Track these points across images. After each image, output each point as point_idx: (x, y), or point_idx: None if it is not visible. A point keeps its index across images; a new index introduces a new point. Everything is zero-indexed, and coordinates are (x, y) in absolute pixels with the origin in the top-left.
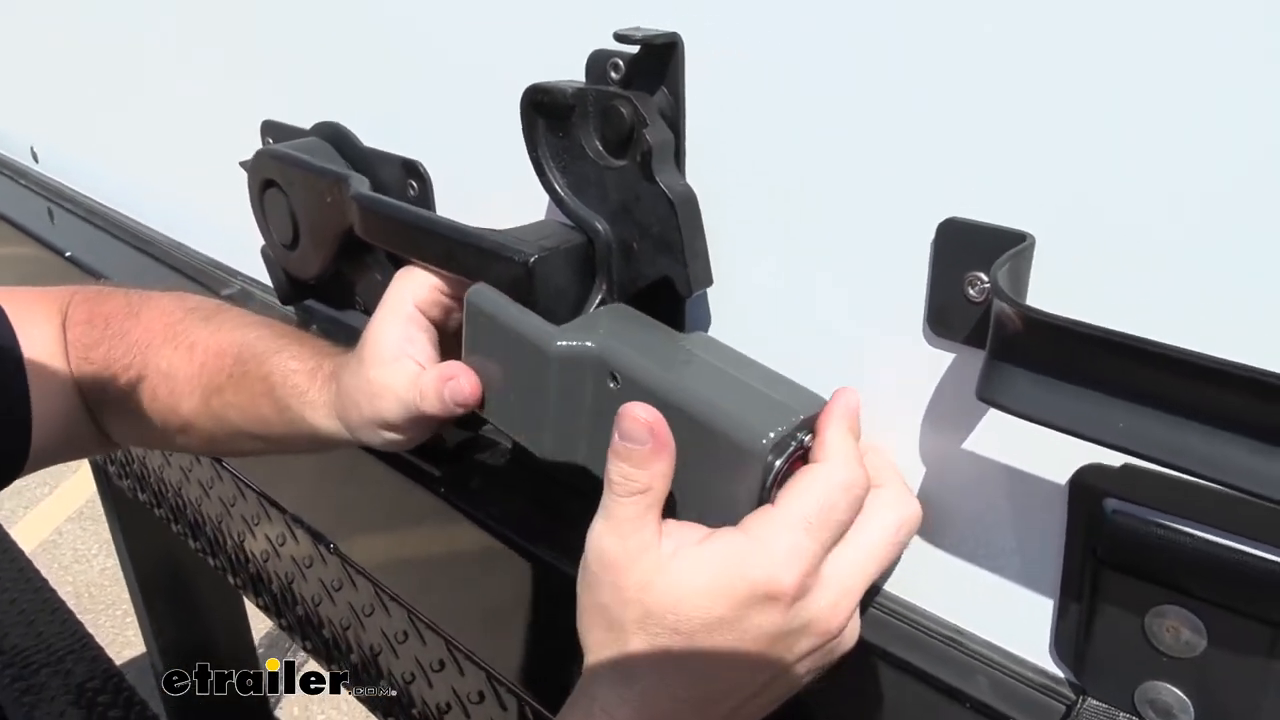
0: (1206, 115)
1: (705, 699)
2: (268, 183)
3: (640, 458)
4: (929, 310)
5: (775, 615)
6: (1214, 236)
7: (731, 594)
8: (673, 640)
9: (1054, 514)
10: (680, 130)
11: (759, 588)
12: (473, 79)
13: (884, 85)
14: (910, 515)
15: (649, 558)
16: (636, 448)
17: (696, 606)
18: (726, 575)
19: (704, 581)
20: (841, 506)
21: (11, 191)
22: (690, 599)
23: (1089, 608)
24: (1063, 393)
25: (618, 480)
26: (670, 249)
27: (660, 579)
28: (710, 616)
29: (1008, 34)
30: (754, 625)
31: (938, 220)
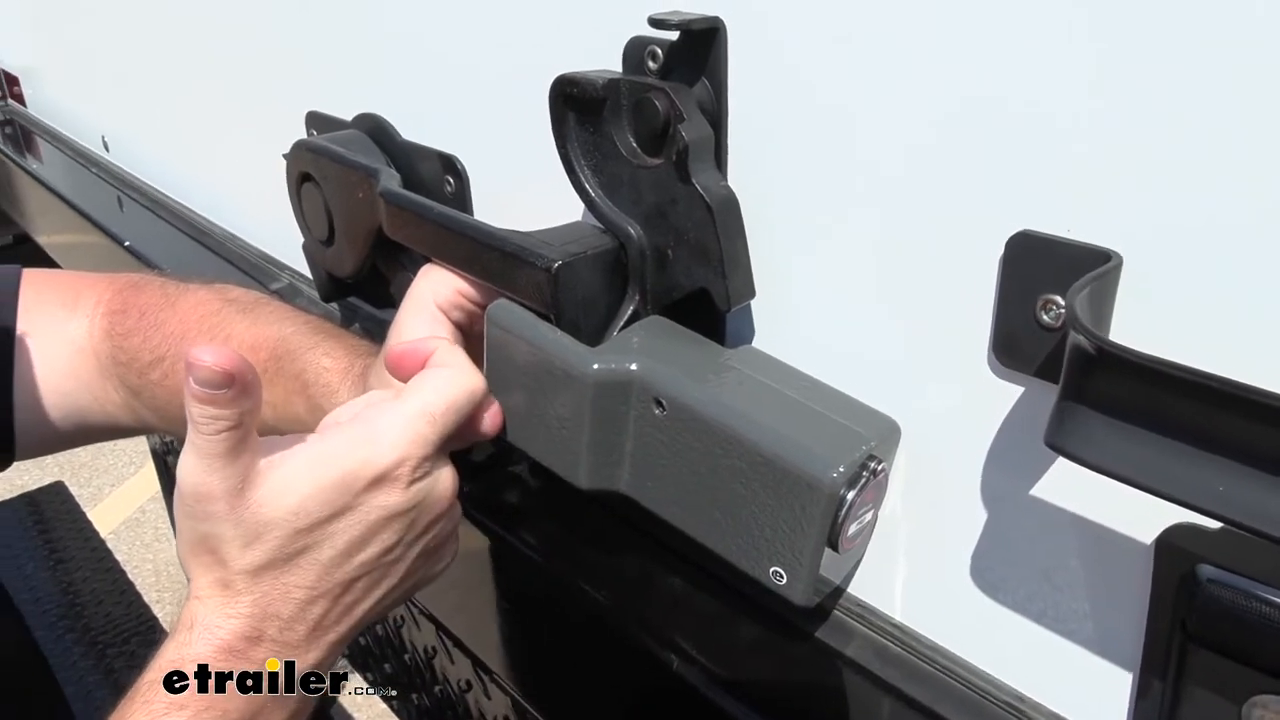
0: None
1: (333, 587)
2: (304, 176)
3: (225, 400)
4: (995, 336)
5: (395, 496)
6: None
7: (350, 484)
8: (294, 541)
9: (1136, 577)
10: (721, 126)
11: (378, 474)
12: (513, 70)
13: (950, 75)
14: (476, 385)
15: (252, 481)
16: (219, 393)
17: (316, 501)
18: (344, 466)
19: (323, 477)
20: (467, 408)
21: (84, 180)
22: (309, 496)
23: (1175, 689)
24: (1148, 444)
25: (203, 420)
26: (708, 258)
27: (271, 490)
28: (332, 508)
29: (1100, 9)
30: (375, 507)
31: (1008, 233)
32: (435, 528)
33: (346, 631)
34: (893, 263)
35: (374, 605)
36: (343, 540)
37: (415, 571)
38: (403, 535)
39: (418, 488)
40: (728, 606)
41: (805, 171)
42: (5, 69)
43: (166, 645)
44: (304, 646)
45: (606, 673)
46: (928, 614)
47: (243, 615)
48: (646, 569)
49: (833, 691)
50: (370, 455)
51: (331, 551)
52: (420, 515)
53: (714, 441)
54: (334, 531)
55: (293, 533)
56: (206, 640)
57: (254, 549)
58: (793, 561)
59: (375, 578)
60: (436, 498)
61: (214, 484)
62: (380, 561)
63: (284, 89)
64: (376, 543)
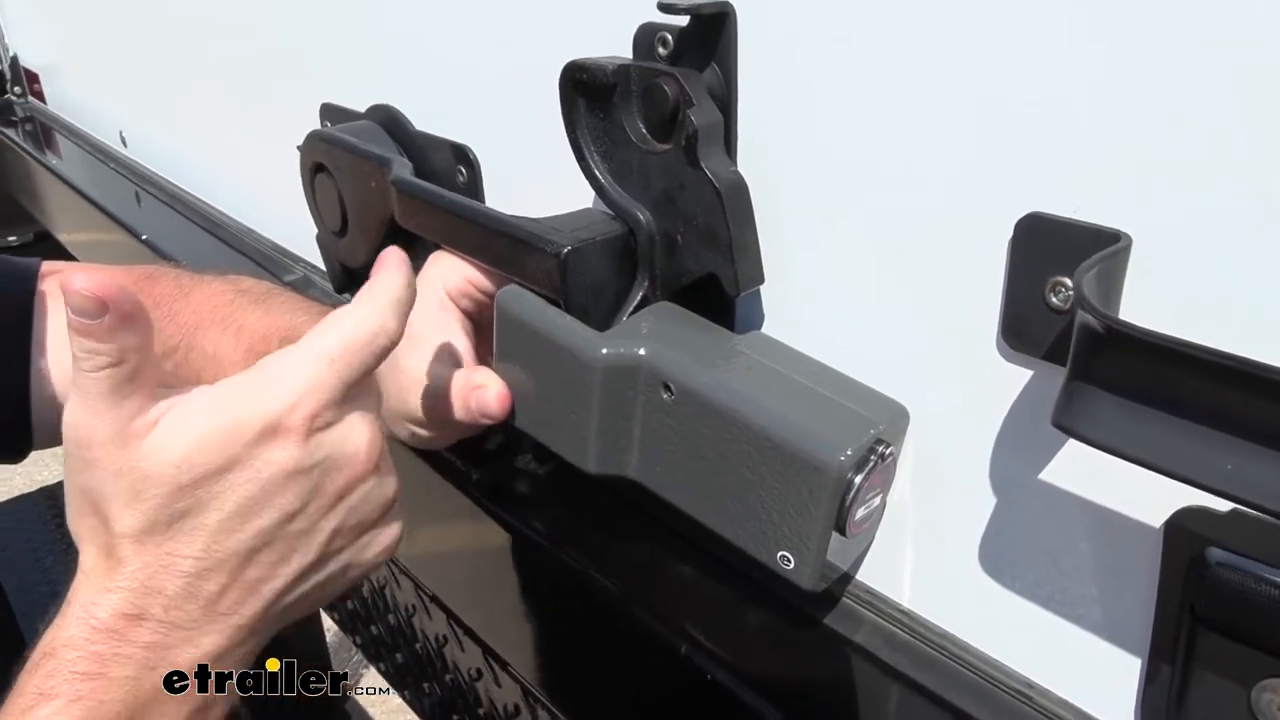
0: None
1: (227, 558)
2: (318, 167)
3: (101, 331)
4: (1004, 320)
5: (290, 449)
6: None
7: (239, 433)
8: (177, 500)
9: (1145, 561)
10: (731, 112)
11: (269, 422)
12: (524, 60)
13: (958, 58)
14: (378, 325)
15: (136, 424)
16: (93, 323)
17: (201, 452)
18: (234, 414)
19: (208, 426)
20: (380, 341)
21: (103, 175)
22: (194, 448)
23: (1183, 674)
24: (1157, 424)
25: (82, 355)
26: (716, 243)
27: (155, 439)
28: (219, 459)
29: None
30: (268, 462)
31: (1017, 215)
32: (351, 496)
33: (255, 614)
34: (902, 247)
35: (287, 585)
36: (232, 501)
37: (337, 550)
38: (306, 500)
39: (317, 440)
40: (736, 592)
41: (814, 156)
42: (26, 66)
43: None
44: (197, 628)
45: (615, 659)
46: (936, 600)
47: (122, 589)
48: (656, 555)
49: (841, 678)
50: (262, 401)
51: (219, 514)
52: (325, 477)
53: (721, 426)
54: (221, 490)
55: (175, 489)
56: (80, 620)
57: (135, 508)
58: (800, 546)
59: (281, 550)
60: (344, 456)
61: (95, 428)
62: (284, 530)
63: (298, 82)
64: (273, 507)
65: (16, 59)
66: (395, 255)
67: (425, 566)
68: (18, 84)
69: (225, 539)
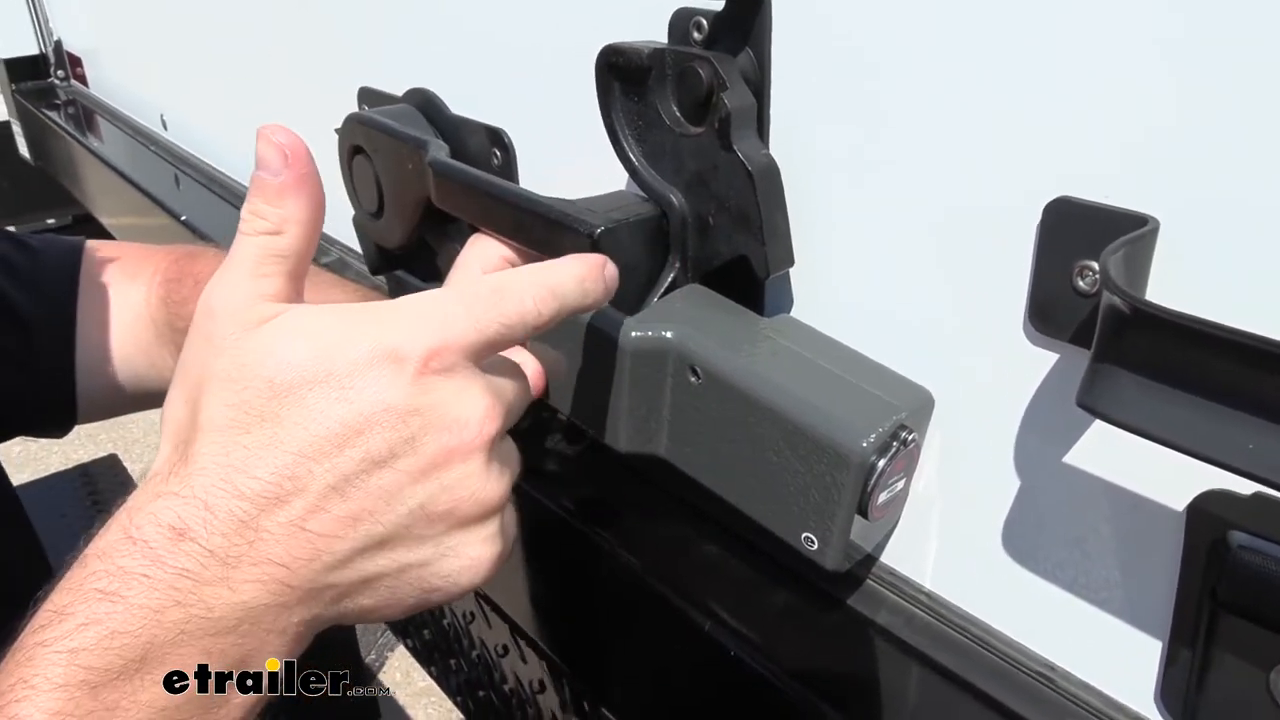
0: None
1: (294, 491)
2: (355, 149)
3: (273, 191)
4: (1031, 303)
5: (396, 380)
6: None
7: (348, 349)
8: (266, 401)
9: (1167, 544)
10: (764, 95)
11: (383, 345)
12: (559, 45)
13: (989, 43)
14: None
15: (262, 308)
16: (269, 179)
17: (304, 356)
18: (350, 329)
19: (321, 333)
20: (527, 306)
21: (143, 158)
22: (298, 349)
23: (1203, 656)
24: (1179, 404)
25: (246, 217)
26: (748, 225)
27: (269, 329)
28: (320, 369)
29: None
30: (367, 387)
31: (1046, 199)
32: (448, 470)
33: (307, 578)
34: (930, 232)
35: (351, 554)
36: (318, 420)
37: (418, 537)
38: (396, 450)
39: (429, 382)
40: (759, 571)
41: (845, 141)
42: (69, 51)
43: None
44: (238, 568)
45: (639, 635)
46: (958, 582)
47: (175, 495)
48: (682, 535)
49: (862, 658)
50: (383, 323)
51: (301, 433)
52: (425, 432)
53: (747, 410)
54: (311, 403)
55: (268, 387)
56: (120, 526)
57: (223, 396)
58: (823, 528)
59: (355, 505)
60: (452, 416)
61: (225, 298)
62: (363, 481)
63: (337, 66)
64: (359, 445)
65: (60, 43)
66: (593, 258)
67: None
68: (61, 68)
69: (298, 466)
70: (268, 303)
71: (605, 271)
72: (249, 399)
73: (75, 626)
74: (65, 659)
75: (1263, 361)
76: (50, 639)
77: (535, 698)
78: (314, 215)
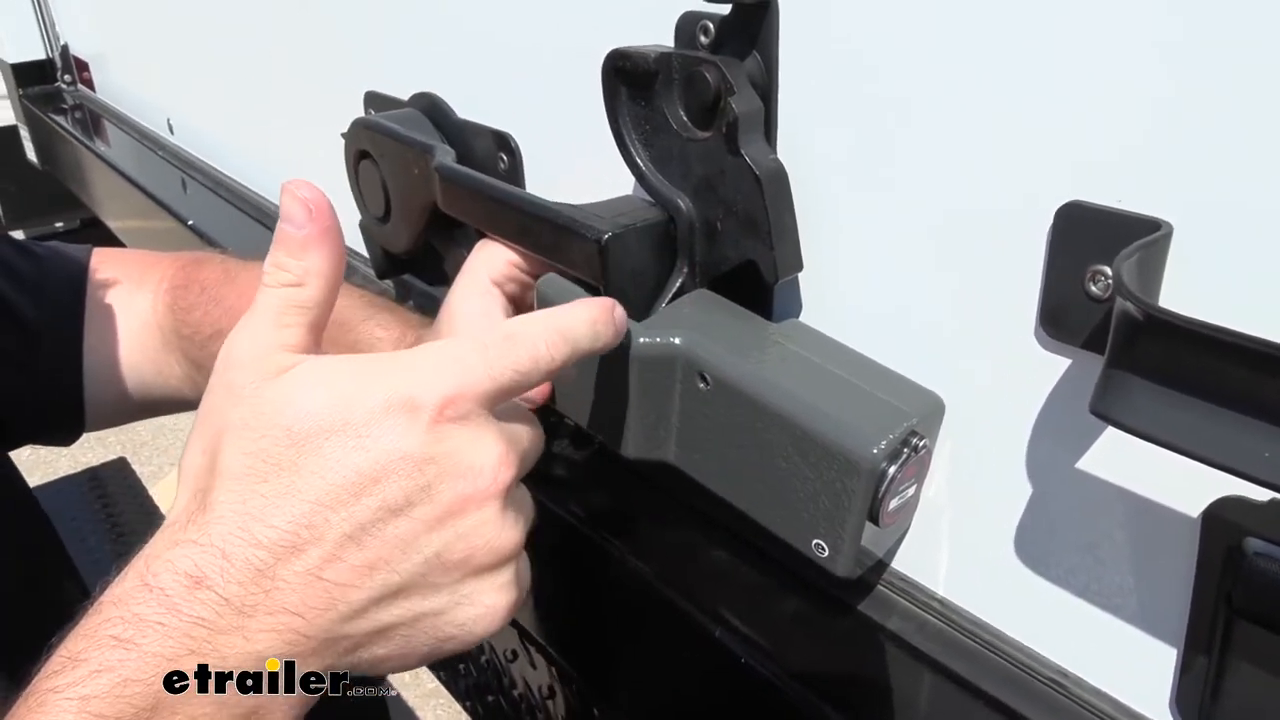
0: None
1: (311, 541)
2: (362, 154)
3: (296, 245)
4: (1043, 309)
5: (411, 428)
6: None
7: (364, 398)
8: (282, 450)
9: (1182, 551)
10: (772, 100)
11: (399, 394)
12: (565, 48)
13: (998, 46)
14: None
15: (281, 357)
16: (293, 231)
17: (322, 405)
18: (366, 379)
19: (338, 383)
20: (540, 352)
21: (149, 162)
22: (316, 399)
23: (1219, 663)
24: (1195, 411)
25: (269, 269)
26: (756, 229)
27: (287, 378)
28: (336, 418)
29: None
30: (383, 435)
31: (1057, 204)
32: (463, 519)
33: (323, 628)
34: (941, 236)
35: (368, 603)
36: (334, 470)
37: (434, 585)
38: (413, 498)
39: (444, 430)
40: (769, 577)
41: (853, 145)
42: (76, 55)
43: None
44: (254, 618)
45: (648, 642)
46: (970, 588)
47: (194, 543)
48: (691, 540)
49: (873, 664)
50: (399, 372)
51: (318, 482)
52: (441, 480)
53: (756, 417)
54: (328, 453)
55: (285, 436)
56: (136, 573)
57: (241, 444)
58: (834, 535)
59: (371, 554)
60: (467, 464)
61: (246, 347)
62: (380, 529)
63: (343, 70)
64: (376, 493)
65: (67, 48)
66: (602, 301)
67: None
68: (68, 72)
69: (315, 514)
70: (288, 353)
71: (615, 314)
72: (267, 447)
73: (88, 673)
74: (76, 705)
75: (1279, 368)
76: (62, 685)
77: (545, 703)
78: (335, 268)
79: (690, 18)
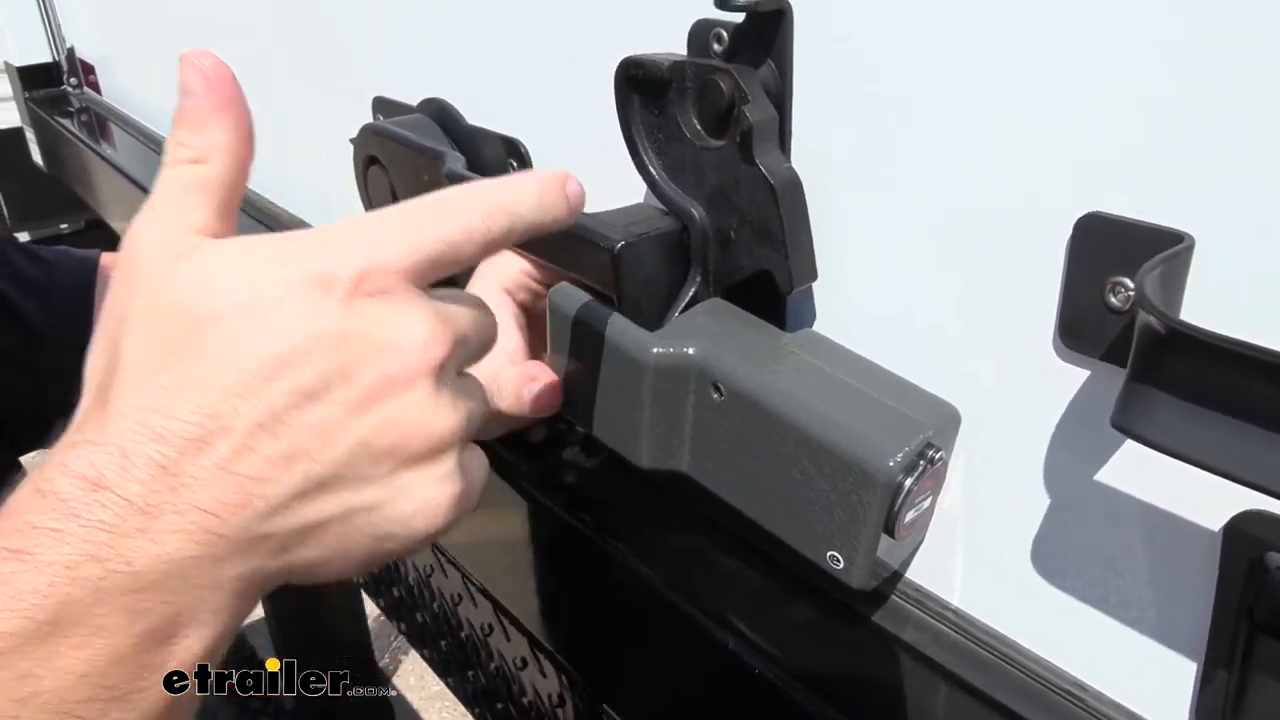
0: None
1: (217, 431)
2: (370, 159)
3: (195, 118)
4: (1061, 320)
5: (324, 305)
6: None
7: (271, 274)
8: (184, 336)
9: (1202, 565)
10: (786, 108)
11: (309, 269)
12: (576, 55)
13: (1016, 56)
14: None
15: (185, 241)
16: (192, 105)
17: (224, 285)
18: (273, 253)
19: (243, 261)
20: (474, 224)
21: (155, 165)
22: (219, 280)
23: (1240, 678)
24: (1217, 426)
25: (169, 147)
26: (770, 239)
27: (190, 261)
28: (241, 298)
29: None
30: (293, 314)
31: (1076, 215)
32: (388, 401)
33: (241, 527)
34: (958, 246)
35: (288, 497)
36: (242, 354)
37: (363, 477)
38: (329, 380)
39: (361, 305)
40: (782, 587)
41: (869, 154)
42: (82, 58)
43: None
44: (160, 517)
45: (661, 651)
46: (986, 599)
47: (89, 443)
48: (703, 549)
49: (888, 675)
50: (309, 246)
51: (224, 369)
52: (360, 361)
53: (771, 428)
54: (232, 335)
55: (186, 321)
56: (30, 482)
57: (140, 334)
58: (849, 547)
59: (287, 444)
60: (389, 340)
61: (146, 234)
62: (295, 416)
63: (351, 74)
64: (287, 377)
65: (73, 50)
66: (552, 173)
67: (472, 556)
68: (74, 75)
69: (222, 403)
70: (192, 235)
71: (568, 187)
72: (168, 335)
73: None
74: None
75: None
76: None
77: (555, 711)
78: (241, 142)
79: (703, 25)
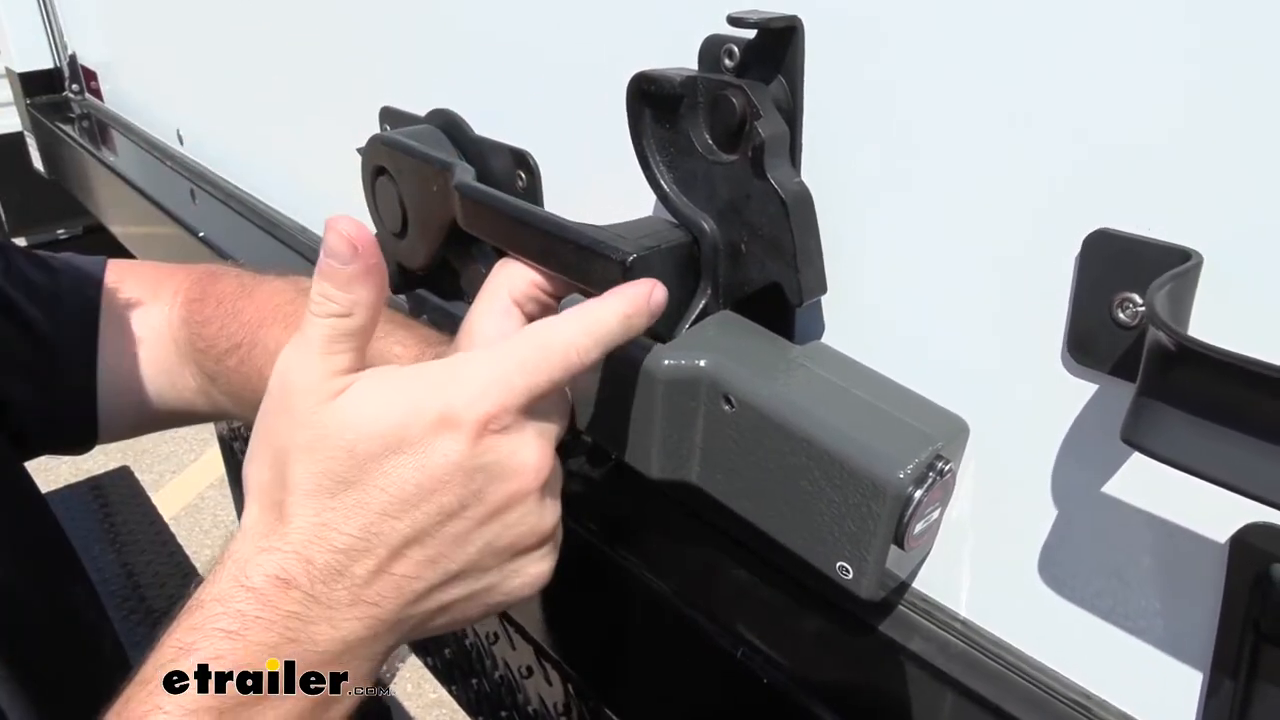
0: None
1: (380, 545)
2: (379, 170)
3: (342, 279)
4: (1070, 334)
5: (460, 444)
6: None
7: (417, 417)
8: (347, 468)
9: (1209, 576)
10: (797, 123)
11: (446, 413)
12: (585, 67)
13: (1027, 76)
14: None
15: (336, 381)
16: (339, 267)
17: (379, 426)
18: (416, 398)
19: (391, 403)
20: (572, 360)
21: (158, 172)
22: (374, 420)
23: (1245, 689)
24: (1225, 440)
25: (316, 299)
26: (781, 252)
27: (344, 400)
28: (394, 438)
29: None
30: (437, 453)
31: (1085, 232)
32: (510, 512)
33: (395, 611)
34: (967, 261)
35: (430, 589)
36: (396, 485)
37: (485, 568)
38: (466, 503)
39: (488, 443)
40: (791, 597)
41: (878, 169)
42: (84, 65)
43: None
44: (338, 610)
45: (669, 660)
46: (994, 610)
47: (278, 550)
48: (712, 559)
49: (896, 685)
50: (445, 392)
51: (382, 496)
52: (489, 484)
53: (781, 440)
54: (389, 470)
55: (348, 456)
56: (232, 577)
57: (309, 465)
58: (859, 558)
59: (432, 551)
60: (512, 467)
61: (301, 374)
62: (439, 530)
63: (359, 85)
64: (433, 502)
65: (75, 57)
66: (637, 291)
67: None
68: (76, 82)
69: (382, 523)
70: (340, 377)
71: (651, 301)
72: (333, 467)
73: (199, 660)
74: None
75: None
76: (184, 668)
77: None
78: (379, 299)
79: (715, 41)
